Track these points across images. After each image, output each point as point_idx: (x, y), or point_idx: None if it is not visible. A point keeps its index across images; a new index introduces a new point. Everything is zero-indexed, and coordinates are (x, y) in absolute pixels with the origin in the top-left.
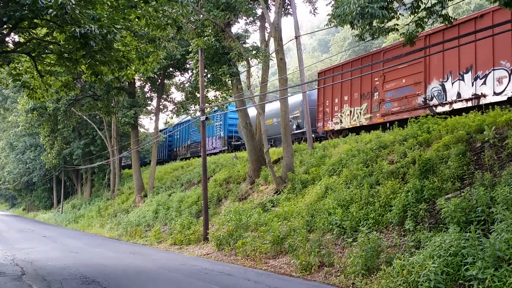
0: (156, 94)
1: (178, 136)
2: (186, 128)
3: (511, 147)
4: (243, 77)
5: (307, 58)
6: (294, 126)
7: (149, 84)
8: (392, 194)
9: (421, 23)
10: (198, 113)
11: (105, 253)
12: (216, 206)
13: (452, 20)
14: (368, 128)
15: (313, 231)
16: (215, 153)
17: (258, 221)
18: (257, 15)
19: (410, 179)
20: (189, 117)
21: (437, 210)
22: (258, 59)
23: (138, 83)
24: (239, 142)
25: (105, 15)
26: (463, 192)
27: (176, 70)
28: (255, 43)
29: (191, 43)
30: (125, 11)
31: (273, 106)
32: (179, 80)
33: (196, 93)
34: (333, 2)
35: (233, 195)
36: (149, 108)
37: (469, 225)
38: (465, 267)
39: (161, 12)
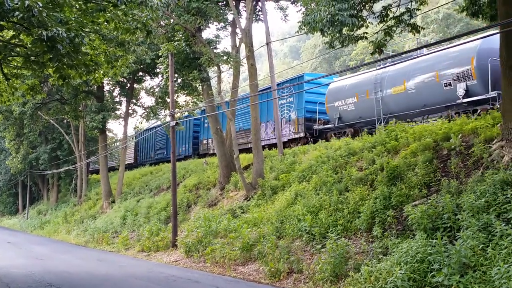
0: (125, 99)
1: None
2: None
3: (477, 155)
4: (213, 82)
5: (278, 64)
6: (461, 91)
7: (118, 88)
8: (360, 201)
9: (390, 31)
10: (201, 113)
11: (71, 260)
12: (185, 212)
13: (420, 30)
14: None
15: (282, 237)
16: (275, 144)
17: (228, 227)
18: (228, 21)
19: (378, 186)
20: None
21: (405, 217)
22: (229, 65)
23: (107, 87)
24: (328, 126)
25: (73, 18)
26: (429, 199)
27: (146, 75)
28: (226, 48)
29: (161, 48)
30: (94, 14)
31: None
32: (149, 85)
33: (166, 98)
34: (303, 10)
35: (202, 201)
36: (118, 112)
37: (435, 232)
38: (432, 273)
39: (130, 16)
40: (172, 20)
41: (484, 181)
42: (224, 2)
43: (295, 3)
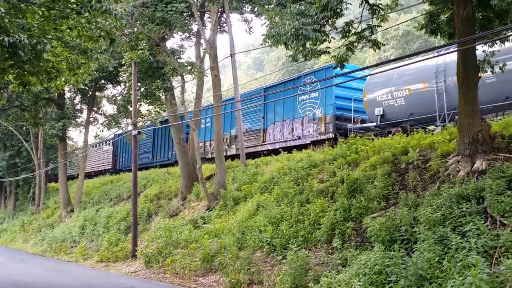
0: (86, 106)
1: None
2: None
3: (434, 169)
4: (177, 92)
5: (242, 76)
6: None
7: (80, 96)
8: (321, 212)
9: (351, 47)
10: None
11: (28, 270)
12: (146, 222)
13: (380, 46)
14: None
15: (243, 248)
16: (295, 147)
17: (189, 238)
18: (193, 31)
19: (338, 198)
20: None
21: (364, 229)
22: (193, 75)
23: (68, 95)
24: (366, 125)
25: (36, 25)
26: (388, 211)
27: (108, 83)
28: (190, 58)
29: (125, 56)
30: (57, 21)
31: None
32: (111, 93)
33: (129, 107)
34: (268, 23)
35: (164, 211)
36: (78, 120)
37: (393, 244)
38: (389, 285)
39: (94, 23)
40: (136, 29)
41: (440, 194)
42: (189, 13)
43: (259, 16)
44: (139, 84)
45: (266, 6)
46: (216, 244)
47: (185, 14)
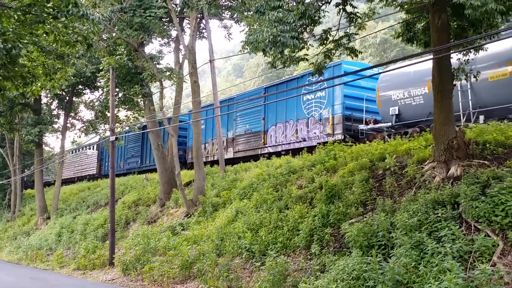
0: (63, 112)
1: None
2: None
3: (410, 175)
4: (156, 98)
5: (221, 82)
6: None
7: (57, 101)
8: (300, 218)
9: (329, 54)
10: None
11: (2, 278)
12: (123, 229)
13: (358, 53)
14: None
15: (222, 255)
16: (299, 149)
17: (167, 245)
18: (172, 37)
19: (317, 204)
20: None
21: (342, 235)
22: (172, 81)
23: (44, 100)
24: (380, 126)
25: (11, 29)
26: (365, 217)
27: (86, 88)
28: (169, 64)
29: (103, 61)
30: (33, 26)
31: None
32: (89, 98)
33: (107, 112)
34: (246, 29)
35: (142, 218)
36: (55, 126)
37: (370, 249)
38: None
39: (71, 28)
40: (114, 34)
41: (416, 200)
42: (168, 19)
43: (239, 22)
44: (117, 89)
45: (246, 13)
46: (194, 251)
47: (164, 19)
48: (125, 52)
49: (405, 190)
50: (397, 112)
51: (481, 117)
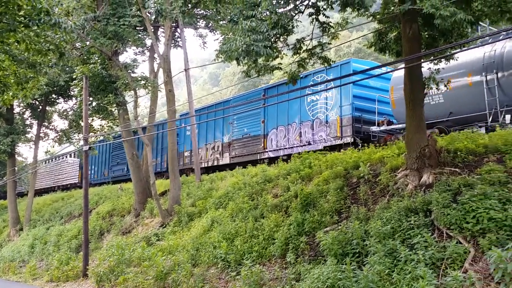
0: (36, 121)
1: None
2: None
3: (384, 183)
4: (130, 107)
5: (198, 90)
6: None
7: (30, 111)
8: (275, 227)
9: (303, 63)
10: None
11: None
12: (98, 240)
13: (331, 62)
14: None
15: (197, 265)
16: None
17: (142, 255)
18: (147, 46)
19: (292, 213)
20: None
21: (317, 243)
22: (147, 90)
23: (17, 109)
24: (392, 127)
25: None
26: (340, 225)
27: (60, 97)
28: (143, 73)
29: (76, 70)
30: (4, 34)
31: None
32: (62, 107)
33: (80, 122)
34: (221, 38)
35: (116, 228)
36: (28, 135)
37: (345, 257)
38: None
39: (42, 37)
40: (88, 43)
41: (390, 208)
42: (143, 27)
43: (214, 31)
44: (90, 98)
45: (221, 22)
46: (169, 261)
47: (138, 28)
48: (99, 60)
49: (378, 198)
50: None
51: (508, 117)
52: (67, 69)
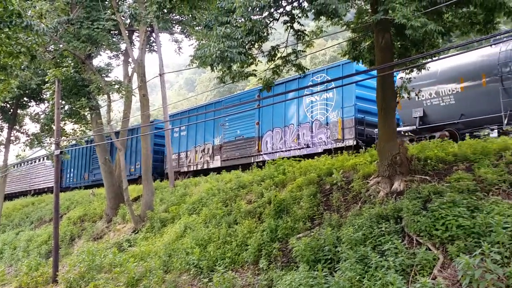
0: (7, 125)
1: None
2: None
3: (356, 190)
4: (104, 111)
5: (173, 96)
6: None
7: (0, 114)
8: (248, 233)
9: (277, 70)
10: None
11: None
12: (68, 246)
13: (305, 70)
14: None
15: (169, 271)
16: (301, 157)
17: (113, 261)
18: (121, 50)
19: (266, 219)
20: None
21: (289, 249)
22: (120, 94)
23: None
24: (400, 129)
25: None
26: (313, 231)
27: (31, 100)
28: (117, 77)
29: (48, 73)
30: None
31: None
32: (34, 111)
33: (52, 125)
34: (195, 44)
35: (87, 234)
36: None
37: (317, 264)
38: None
39: (14, 39)
40: (61, 46)
41: (361, 214)
42: (117, 31)
43: (189, 37)
44: (63, 102)
45: (196, 28)
46: (141, 267)
47: (112, 32)
48: (72, 64)
49: (351, 205)
50: (421, 114)
51: None
52: (39, 72)
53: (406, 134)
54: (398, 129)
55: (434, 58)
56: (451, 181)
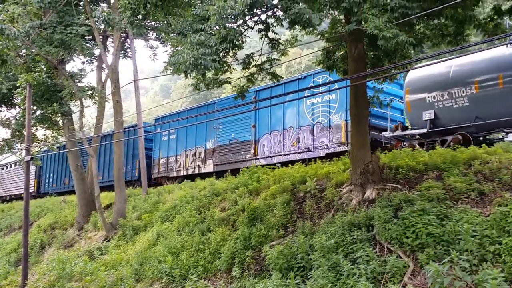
0: None
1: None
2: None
3: (329, 198)
4: (76, 117)
5: (148, 102)
6: None
7: None
8: (222, 241)
9: (252, 78)
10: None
11: None
12: (38, 254)
13: (280, 78)
14: None
15: (141, 280)
16: (302, 161)
17: (84, 270)
18: (95, 55)
19: (239, 227)
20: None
21: (262, 257)
22: (93, 100)
23: None
24: (408, 132)
25: None
26: (286, 239)
27: (2, 105)
28: (90, 83)
29: (20, 78)
30: None
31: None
32: (5, 116)
33: (24, 131)
34: (170, 51)
35: (58, 242)
36: None
37: (289, 272)
38: None
39: None
40: (33, 50)
41: (334, 222)
42: (91, 36)
43: (164, 43)
44: (34, 107)
45: (171, 34)
46: (112, 276)
47: (86, 37)
48: (44, 69)
49: (324, 213)
50: (432, 117)
51: None
52: (10, 76)
53: (413, 138)
54: (406, 132)
55: (406, 69)
56: (422, 189)
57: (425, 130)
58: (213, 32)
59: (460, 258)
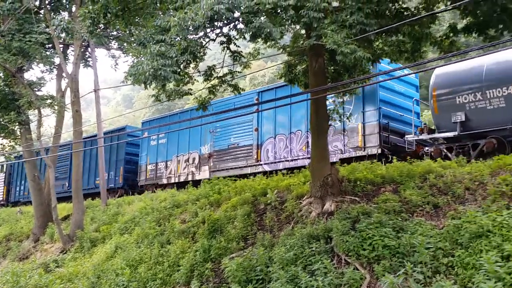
0: None
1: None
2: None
3: (289, 210)
4: (34, 126)
5: (110, 112)
6: None
7: None
8: (181, 254)
9: (213, 90)
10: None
11: None
12: None
13: (241, 91)
14: None
15: None
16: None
17: (38, 283)
18: (55, 64)
19: (199, 239)
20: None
21: (222, 270)
22: (52, 109)
23: None
24: (437, 135)
25: None
26: (246, 251)
27: None
28: (49, 92)
29: None
30: None
31: None
32: None
33: None
34: (130, 61)
35: (13, 254)
36: None
37: (248, 284)
38: None
39: None
40: None
41: (293, 234)
42: (51, 45)
43: (126, 53)
44: None
45: (134, 44)
46: None
47: (46, 45)
48: (2, 76)
49: (284, 225)
50: (463, 119)
51: None
52: None
53: (436, 142)
54: (434, 135)
55: (363, 84)
56: (379, 202)
57: (456, 133)
58: (174, 43)
59: (414, 270)
